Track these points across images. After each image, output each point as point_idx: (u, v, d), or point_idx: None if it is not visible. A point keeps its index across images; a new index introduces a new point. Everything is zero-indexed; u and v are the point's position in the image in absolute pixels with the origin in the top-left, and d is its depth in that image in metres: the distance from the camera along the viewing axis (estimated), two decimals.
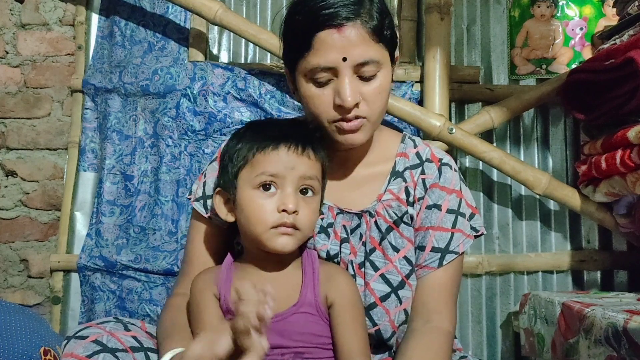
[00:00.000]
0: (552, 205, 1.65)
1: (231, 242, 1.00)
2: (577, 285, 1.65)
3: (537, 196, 1.61)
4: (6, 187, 1.73)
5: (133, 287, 1.56)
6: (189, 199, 1.02)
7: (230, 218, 0.89)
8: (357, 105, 0.88)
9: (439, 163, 0.99)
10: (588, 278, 1.65)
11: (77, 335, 0.82)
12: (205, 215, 0.99)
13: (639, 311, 1.05)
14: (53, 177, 1.73)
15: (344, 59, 0.85)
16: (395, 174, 0.99)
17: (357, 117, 0.88)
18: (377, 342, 0.95)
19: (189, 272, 0.98)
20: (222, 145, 1.03)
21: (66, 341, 0.82)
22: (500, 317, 1.63)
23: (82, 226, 1.65)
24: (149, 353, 0.85)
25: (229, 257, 0.91)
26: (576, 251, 1.64)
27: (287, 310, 0.84)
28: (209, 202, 0.99)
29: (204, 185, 1.01)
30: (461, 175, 1.01)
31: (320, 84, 0.88)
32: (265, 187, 0.84)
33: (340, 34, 0.85)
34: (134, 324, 0.89)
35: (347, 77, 0.86)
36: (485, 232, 1.01)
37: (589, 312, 1.12)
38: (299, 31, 0.87)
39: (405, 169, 0.99)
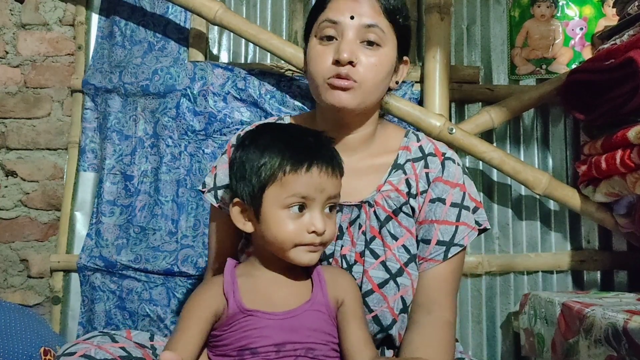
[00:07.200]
0: (552, 205, 1.65)
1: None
2: (577, 285, 1.65)
3: (537, 196, 1.61)
4: (6, 187, 1.73)
5: (133, 287, 1.55)
6: (203, 191, 1.06)
7: (249, 228, 0.87)
8: (352, 64, 0.91)
9: (442, 157, 1.01)
10: (588, 278, 1.65)
11: (65, 353, 0.83)
12: (216, 205, 1.02)
13: (639, 311, 1.05)
14: (53, 177, 1.73)
15: (352, 17, 0.92)
16: (397, 166, 1.01)
17: (348, 79, 0.91)
18: (378, 331, 0.95)
19: (213, 267, 1.06)
20: (232, 139, 1.06)
21: None
22: (500, 317, 1.62)
23: (82, 226, 1.65)
24: None
25: (229, 263, 0.89)
26: (576, 251, 1.64)
27: (299, 307, 0.84)
28: (219, 192, 1.03)
29: (214, 177, 1.04)
30: (465, 169, 1.02)
31: (325, 39, 0.94)
32: (295, 207, 0.83)
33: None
34: (120, 335, 0.91)
35: (350, 36, 0.92)
36: (489, 227, 1.01)
37: (589, 312, 1.12)
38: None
39: (406, 162, 1.01)
